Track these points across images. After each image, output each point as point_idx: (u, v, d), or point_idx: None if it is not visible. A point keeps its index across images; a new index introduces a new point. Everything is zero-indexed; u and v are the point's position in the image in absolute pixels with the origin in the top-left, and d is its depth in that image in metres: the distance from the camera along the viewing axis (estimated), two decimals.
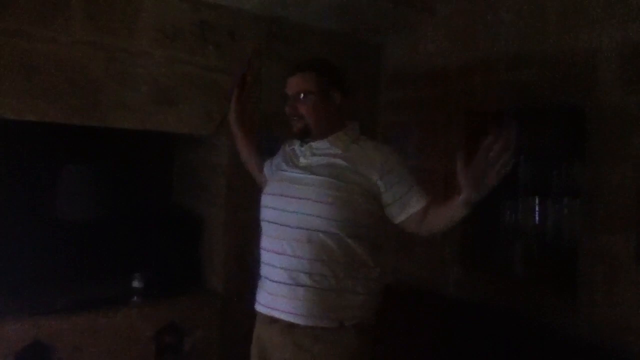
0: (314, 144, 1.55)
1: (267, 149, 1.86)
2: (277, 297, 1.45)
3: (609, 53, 2.03)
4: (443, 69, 2.69)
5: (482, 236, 2.59)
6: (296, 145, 1.61)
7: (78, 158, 2.59)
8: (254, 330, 1.57)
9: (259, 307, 1.52)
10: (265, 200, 1.57)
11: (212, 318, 2.49)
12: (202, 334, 2.45)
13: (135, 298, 2.35)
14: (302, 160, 1.55)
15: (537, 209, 2.43)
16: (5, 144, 2.30)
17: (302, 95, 1.51)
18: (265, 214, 1.55)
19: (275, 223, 1.49)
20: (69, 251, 2.43)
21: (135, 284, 2.34)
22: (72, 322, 2.12)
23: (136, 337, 2.26)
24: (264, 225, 1.55)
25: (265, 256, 1.52)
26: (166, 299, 2.42)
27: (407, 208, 1.45)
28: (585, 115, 2.10)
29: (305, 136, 1.54)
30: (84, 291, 2.37)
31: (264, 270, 1.52)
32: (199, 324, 2.44)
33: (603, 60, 2.05)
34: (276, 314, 1.45)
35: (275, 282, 1.46)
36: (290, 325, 1.42)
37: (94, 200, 2.64)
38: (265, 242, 1.53)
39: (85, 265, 2.45)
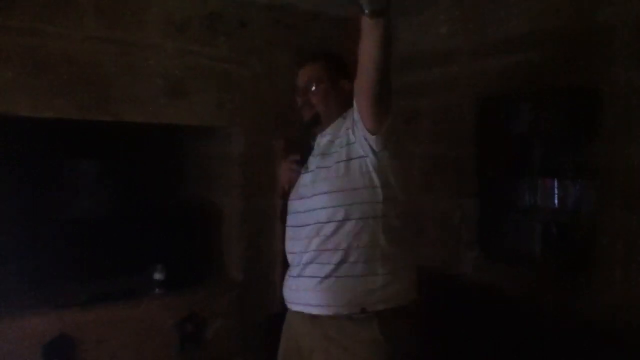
0: (318, 139, 1.57)
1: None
2: (297, 292, 1.47)
3: (624, 30, 1.99)
4: (454, 51, 2.65)
5: (499, 218, 2.58)
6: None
7: (96, 155, 2.63)
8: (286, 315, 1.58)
9: (287, 304, 1.55)
10: (288, 206, 1.59)
11: (232, 306, 2.52)
12: (222, 322, 2.49)
13: (156, 290, 2.38)
14: (311, 159, 1.57)
15: (555, 191, 2.41)
16: (32, 141, 2.34)
17: (313, 85, 1.53)
18: (287, 219, 1.57)
19: (292, 226, 1.53)
20: (92, 246, 2.48)
21: (157, 275, 2.38)
22: (95, 315, 2.16)
23: (158, 327, 2.31)
24: (286, 230, 1.57)
25: (287, 257, 1.56)
26: (186, 289, 2.46)
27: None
28: (600, 94, 2.07)
29: (315, 124, 1.55)
30: (106, 284, 2.41)
31: (289, 269, 1.56)
32: (219, 312, 2.48)
33: (619, 37, 2.01)
34: (300, 308, 1.47)
35: (294, 277, 1.49)
36: (315, 316, 1.43)
37: (113, 195, 2.68)
38: (286, 244, 1.56)
39: (107, 259, 2.49)
